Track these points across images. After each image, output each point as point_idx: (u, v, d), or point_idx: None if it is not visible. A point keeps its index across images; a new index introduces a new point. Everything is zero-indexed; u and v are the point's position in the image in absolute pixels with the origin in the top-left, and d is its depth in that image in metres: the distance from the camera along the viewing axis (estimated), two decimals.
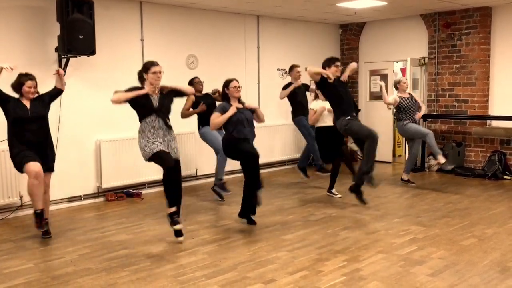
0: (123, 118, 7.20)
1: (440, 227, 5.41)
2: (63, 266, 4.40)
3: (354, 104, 6.26)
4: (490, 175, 8.09)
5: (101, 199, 7.01)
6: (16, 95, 5.11)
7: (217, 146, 6.59)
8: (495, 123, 8.52)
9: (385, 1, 7.78)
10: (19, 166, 4.97)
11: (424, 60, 9.11)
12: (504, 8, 8.31)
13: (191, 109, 6.86)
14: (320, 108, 6.74)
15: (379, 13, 8.96)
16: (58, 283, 4.01)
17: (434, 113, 9.09)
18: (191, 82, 6.92)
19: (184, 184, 7.63)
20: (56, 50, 6.27)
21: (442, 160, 7.19)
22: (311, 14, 8.84)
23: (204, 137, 6.92)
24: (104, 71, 6.96)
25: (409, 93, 7.73)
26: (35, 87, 5.12)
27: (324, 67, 6.15)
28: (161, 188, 7.43)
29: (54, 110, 6.30)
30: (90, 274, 4.20)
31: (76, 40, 5.99)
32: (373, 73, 10.17)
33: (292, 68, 7.91)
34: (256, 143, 5.68)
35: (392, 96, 7.66)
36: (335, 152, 6.73)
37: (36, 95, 5.18)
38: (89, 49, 6.16)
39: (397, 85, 7.71)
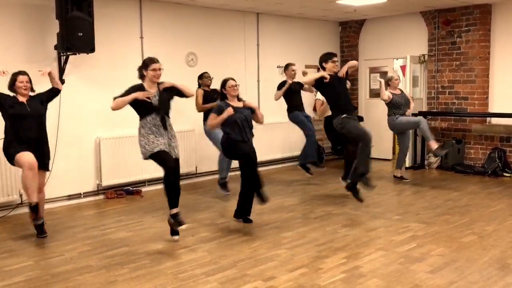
0: (122, 116, 7.17)
1: (440, 224, 5.41)
2: (63, 263, 4.41)
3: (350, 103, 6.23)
4: (490, 172, 8.10)
5: (101, 196, 7.01)
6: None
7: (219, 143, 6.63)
8: (495, 120, 8.52)
9: None
10: (11, 157, 4.95)
11: (424, 58, 9.10)
12: (504, 5, 8.29)
13: (204, 105, 6.91)
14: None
15: (379, 10, 8.94)
16: (58, 281, 4.01)
17: (434, 110, 9.09)
18: (201, 77, 7.09)
19: (184, 182, 7.69)
20: (56, 47, 6.26)
21: (434, 145, 7.27)
22: (310, 11, 8.83)
23: (208, 134, 6.91)
24: (104, 68, 6.95)
25: (400, 89, 7.77)
26: (27, 81, 5.06)
27: (321, 63, 6.15)
28: (161, 186, 7.46)
29: (54, 107, 6.31)
30: (90, 271, 4.20)
31: (76, 37, 5.98)
32: (373, 70, 10.16)
33: (287, 66, 7.79)
34: (256, 141, 5.67)
35: (386, 92, 7.65)
36: (345, 140, 6.71)
37: (31, 92, 5.13)
38: (89, 47, 6.15)
39: (389, 82, 7.72)
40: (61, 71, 6.49)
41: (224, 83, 5.55)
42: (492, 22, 8.45)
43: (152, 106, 4.85)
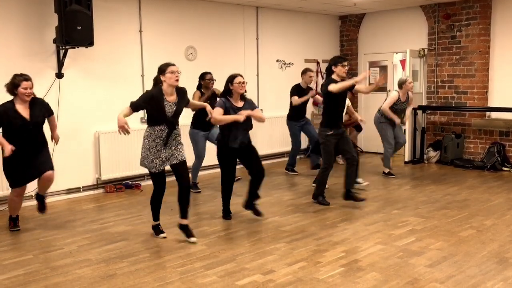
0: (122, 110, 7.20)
1: (439, 219, 5.42)
2: (62, 257, 4.42)
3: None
4: (489, 166, 8.10)
5: (100, 190, 7.01)
6: (10, 97, 4.94)
7: (198, 152, 6.73)
8: (494, 115, 8.51)
9: None
10: (10, 182, 5.08)
11: (423, 52, 9.08)
12: None
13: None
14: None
15: (379, 4, 8.92)
16: (57, 274, 4.02)
17: (434, 104, 9.08)
18: (202, 77, 6.63)
19: None
20: (54, 41, 6.24)
21: (386, 170, 7.77)
22: (310, 5, 8.80)
23: (192, 138, 6.74)
24: (103, 62, 6.93)
25: (407, 95, 7.61)
26: (31, 87, 4.88)
27: (330, 66, 6.00)
28: None
29: (53, 102, 6.30)
30: (89, 265, 4.21)
31: (74, 31, 5.95)
32: (372, 64, 10.14)
33: (305, 71, 7.73)
34: (256, 135, 5.68)
35: (393, 94, 7.53)
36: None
37: (32, 96, 4.96)
38: (87, 40, 6.13)
39: (402, 85, 7.52)
40: (60, 64, 6.48)
41: (231, 78, 5.27)
42: (492, 16, 8.43)
43: (165, 117, 4.61)
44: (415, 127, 8.90)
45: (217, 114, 5.17)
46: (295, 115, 7.79)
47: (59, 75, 6.50)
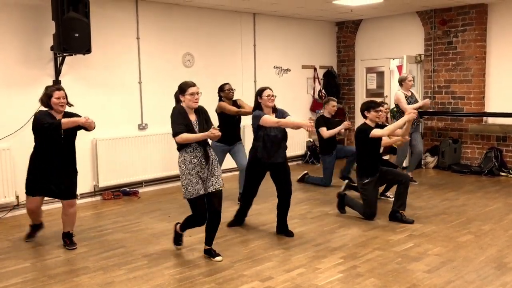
0: (119, 117, 7.21)
1: (437, 224, 5.42)
2: (60, 265, 4.40)
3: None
4: (486, 171, 8.12)
5: (98, 198, 7.00)
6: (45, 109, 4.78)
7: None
8: (491, 120, 8.54)
9: None
10: (27, 190, 4.86)
11: (420, 57, 9.11)
12: (500, 5, 8.32)
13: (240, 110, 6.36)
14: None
15: (375, 11, 8.96)
16: (55, 282, 4.00)
17: (431, 110, 9.10)
18: (222, 89, 6.42)
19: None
20: (52, 48, 6.24)
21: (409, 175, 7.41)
22: (307, 11, 8.84)
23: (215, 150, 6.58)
24: (100, 69, 6.94)
25: (411, 91, 7.63)
26: (64, 97, 4.73)
27: (363, 111, 5.71)
28: (157, 187, 7.47)
29: None
30: (87, 273, 4.19)
31: (72, 38, 5.96)
32: (369, 70, 10.18)
33: (328, 101, 7.55)
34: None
35: (399, 92, 7.47)
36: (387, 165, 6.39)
37: (67, 107, 4.84)
38: (85, 48, 6.13)
39: (402, 82, 7.55)
40: (57, 72, 6.48)
41: (260, 92, 5.02)
42: (488, 21, 8.47)
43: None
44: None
45: (268, 118, 4.87)
46: (327, 148, 7.31)
47: (57, 82, 6.50)
